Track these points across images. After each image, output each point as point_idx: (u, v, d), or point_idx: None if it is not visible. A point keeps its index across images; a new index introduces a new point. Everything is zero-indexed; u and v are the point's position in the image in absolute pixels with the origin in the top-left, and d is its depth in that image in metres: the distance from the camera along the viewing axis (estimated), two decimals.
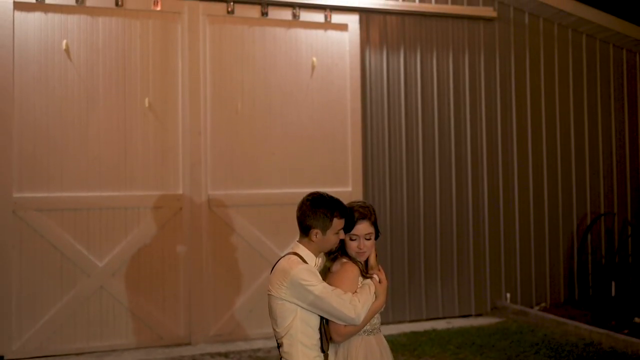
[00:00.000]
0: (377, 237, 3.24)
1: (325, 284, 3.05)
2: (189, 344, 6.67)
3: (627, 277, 8.31)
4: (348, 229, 3.17)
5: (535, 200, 8.17)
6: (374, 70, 7.48)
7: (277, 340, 3.13)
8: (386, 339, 3.33)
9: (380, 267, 3.28)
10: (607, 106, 8.62)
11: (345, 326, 3.06)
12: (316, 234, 3.12)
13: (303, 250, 3.15)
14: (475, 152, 7.89)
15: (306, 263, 3.09)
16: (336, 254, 3.25)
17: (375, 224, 3.23)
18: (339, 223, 3.13)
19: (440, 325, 7.31)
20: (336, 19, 7.26)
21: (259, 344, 6.64)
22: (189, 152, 6.73)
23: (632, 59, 8.79)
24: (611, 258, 8.44)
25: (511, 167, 8.07)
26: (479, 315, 7.80)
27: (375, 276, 3.19)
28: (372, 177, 7.43)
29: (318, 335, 3.08)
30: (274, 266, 3.17)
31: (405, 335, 6.85)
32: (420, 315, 7.57)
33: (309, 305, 3.02)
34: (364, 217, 3.19)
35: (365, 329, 3.14)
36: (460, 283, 7.77)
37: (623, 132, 8.68)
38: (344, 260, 3.22)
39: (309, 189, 3.44)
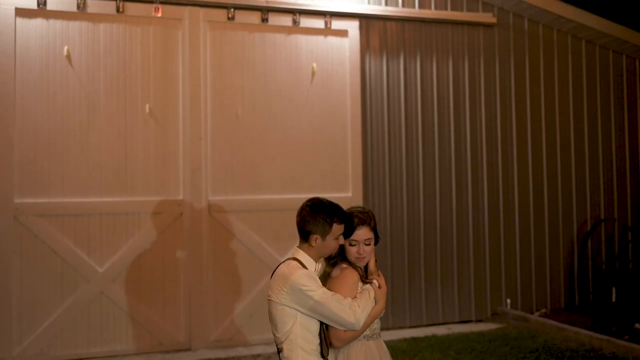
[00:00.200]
0: (376, 242, 3.26)
1: (324, 289, 3.06)
2: (189, 349, 6.67)
3: (628, 282, 8.30)
4: (347, 234, 3.19)
5: (535, 206, 8.18)
6: (374, 76, 7.50)
7: (277, 346, 3.14)
8: (386, 344, 3.34)
9: (379, 272, 3.29)
10: (606, 112, 8.63)
11: (345, 331, 3.06)
12: (316, 240, 3.13)
13: (303, 256, 3.16)
14: (475, 157, 7.90)
15: (306, 268, 3.10)
16: (336, 260, 3.26)
17: (374, 230, 3.24)
18: (338, 228, 3.14)
19: (441, 331, 7.31)
20: (336, 25, 7.28)
21: (259, 350, 6.65)
22: (189, 157, 6.75)
23: (632, 64, 8.81)
24: (611, 264, 8.43)
25: (511, 173, 8.08)
26: (479, 321, 7.79)
27: (375, 281, 3.20)
28: (372, 182, 7.44)
29: (318, 341, 3.09)
30: (274, 271, 3.18)
31: (406, 340, 6.85)
32: (421, 320, 7.56)
33: (308, 311, 3.03)
34: (363, 223, 3.20)
35: (365, 334, 3.15)
36: (461, 289, 7.77)
37: (623, 137, 8.69)
38: (344, 265, 3.23)
39: (309, 195, 3.47)
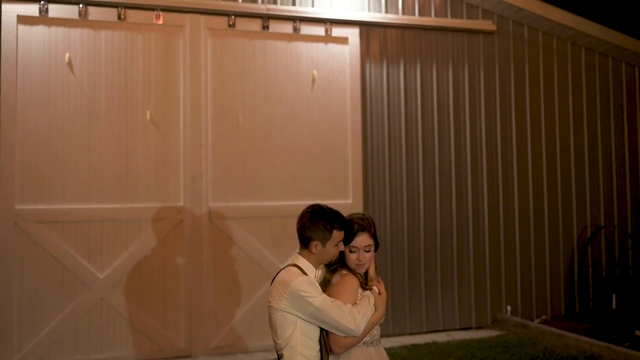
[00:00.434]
0: (376, 249, 3.27)
1: (325, 295, 3.07)
2: (189, 356, 6.67)
3: (628, 289, 8.30)
4: (348, 241, 3.20)
5: (535, 213, 8.18)
6: (374, 83, 7.52)
7: (277, 352, 3.15)
8: (386, 351, 3.34)
9: (379, 279, 3.30)
10: (606, 118, 8.64)
11: (345, 337, 3.07)
12: (316, 246, 3.14)
13: (303, 262, 3.17)
14: (475, 164, 7.91)
15: (306, 275, 3.11)
16: (336, 266, 3.27)
17: (374, 236, 3.26)
18: (338, 235, 3.15)
19: (441, 337, 7.30)
20: (336, 32, 7.32)
21: (259, 357, 6.64)
22: (189, 164, 6.77)
23: (631, 72, 8.83)
24: (612, 271, 8.43)
25: (511, 179, 8.09)
26: (480, 327, 7.79)
27: (375, 288, 3.21)
28: (372, 189, 7.45)
29: (318, 347, 3.10)
30: (274, 278, 3.19)
31: (406, 347, 6.84)
32: (421, 327, 7.56)
33: (308, 317, 3.04)
34: (363, 229, 3.21)
35: (364, 340, 3.15)
36: (461, 295, 7.76)
37: (622, 143, 8.71)
38: (344, 272, 3.24)
39: (309, 201, 3.46)
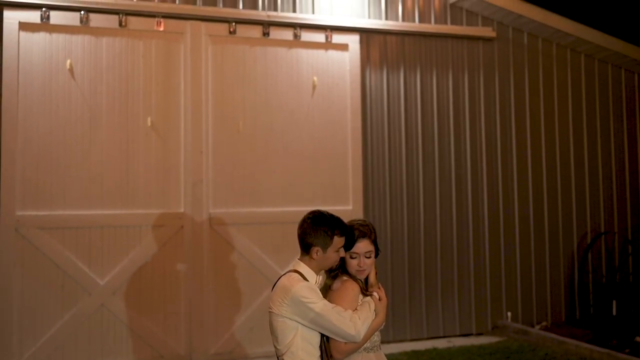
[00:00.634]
0: (377, 255, 3.28)
1: (325, 301, 3.07)
2: None
3: (628, 296, 8.29)
4: (348, 247, 3.20)
5: (535, 219, 8.18)
6: (374, 90, 7.54)
7: (277, 358, 3.15)
8: (387, 357, 3.34)
9: (380, 285, 3.31)
10: (606, 125, 8.66)
11: (346, 343, 3.07)
12: (317, 252, 3.15)
13: (304, 268, 3.18)
14: (475, 170, 7.92)
15: (307, 280, 3.12)
16: (336, 272, 3.28)
17: (375, 242, 3.26)
18: (339, 241, 3.16)
19: (441, 344, 7.29)
20: (337, 39, 7.34)
21: None
22: (190, 170, 6.78)
23: (631, 78, 8.85)
24: (612, 277, 8.43)
25: (511, 186, 8.10)
26: (480, 334, 7.78)
27: (375, 294, 3.22)
28: (372, 195, 7.46)
29: (319, 353, 3.10)
30: (275, 284, 3.20)
31: (406, 354, 6.83)
32: (421, 334, 7.55)
33: (309, 323, 3.04)
34: (364, 236, 3.22)
35: (365, 346, 3.15)
36: (461, 302, 7.76)
37: (622, 150, 8.72)
38: (345, 278, 3.24)
39: (309, 208, 3.47)
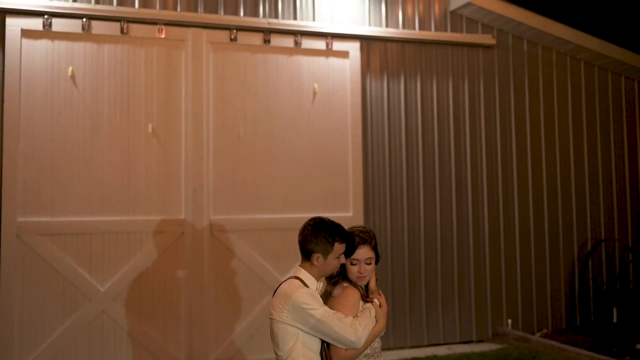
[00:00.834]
0: (377, 261, 3.29)
1: (326, 307, 3.08)
2: None
3: (629, 303, 8.28)
4: (349, 253, 3.21)
5: (535, 226, 8.19)
6: (374, 97, 7.56)
7: None
8: None
9: (380, 291, 3.32)
10: (606, 132, 8.67)
11: (346, 350, 3.08)
12: (317, 258, 3.16)
13: (304, 275, 3.19)
14: (475, 177, 7.93)
15: (308, 287, 3.13)
16: (337, 278, 3.29)
17: (375, 249, 3.27)
18: (340, 247, 3.17)
19: (442, 351, 7.28)
20: (337, 46, 7.37)
21: None
22: (191, 177, 6.79)
23: (631, 85, 8.87)
24: (612, 284, 8.42)
25: (511, 193, 8.11)
26: (480, 341, 7.76)
27: (376, 300, 3.23)
28: (372, 202, 7.47)
29: (319, 359, 3.11)
30: (276, 290, 3.21)
31: None
32: (421, 340, 7.54)
33: (310, 329, 3.05)
34: (364, 242, 3.24)
35: (365, 352, 3.16)
36: (462, 309, 7.75)
37: (622, 157, 8.73)
38: (345, 284, 3.25)
39: (310, 214, 3.49)
